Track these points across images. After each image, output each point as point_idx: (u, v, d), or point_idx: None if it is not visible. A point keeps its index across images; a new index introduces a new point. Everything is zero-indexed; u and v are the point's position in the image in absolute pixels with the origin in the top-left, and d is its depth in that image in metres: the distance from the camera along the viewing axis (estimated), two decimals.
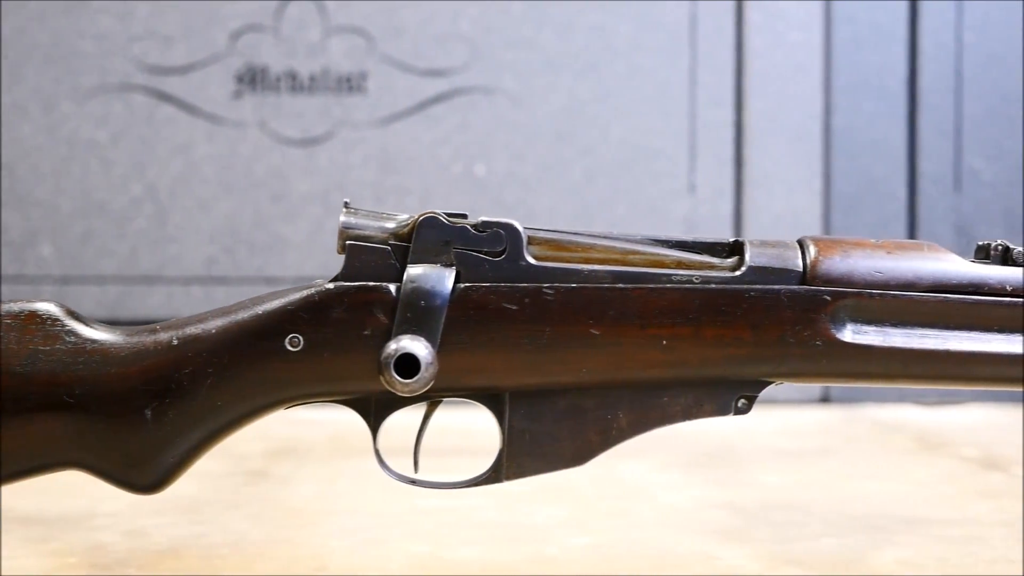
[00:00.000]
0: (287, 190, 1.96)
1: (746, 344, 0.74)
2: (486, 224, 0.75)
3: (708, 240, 0.79)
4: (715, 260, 0.77)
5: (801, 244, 0.77)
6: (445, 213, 0.76)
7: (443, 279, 0.73)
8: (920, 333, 0.75)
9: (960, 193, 1.99)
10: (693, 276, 0.74)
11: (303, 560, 0.92)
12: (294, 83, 1.96)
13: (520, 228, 0.75)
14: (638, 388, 0.75)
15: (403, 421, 0.76)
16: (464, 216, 0.77)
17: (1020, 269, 0.75)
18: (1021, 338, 0.75)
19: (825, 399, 1.96)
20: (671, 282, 0.74)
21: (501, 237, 0.75)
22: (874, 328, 0.75)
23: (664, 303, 0.74)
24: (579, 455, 0.76)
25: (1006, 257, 0.76)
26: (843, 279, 0.75)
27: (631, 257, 0.76)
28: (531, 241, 0.76)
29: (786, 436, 1.61)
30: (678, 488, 1.23)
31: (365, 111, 1.96)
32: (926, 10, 1.98)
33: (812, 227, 1.97)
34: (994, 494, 1.20)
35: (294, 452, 1.40)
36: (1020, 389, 0.76)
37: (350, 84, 1.96)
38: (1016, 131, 1.98)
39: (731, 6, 1.96)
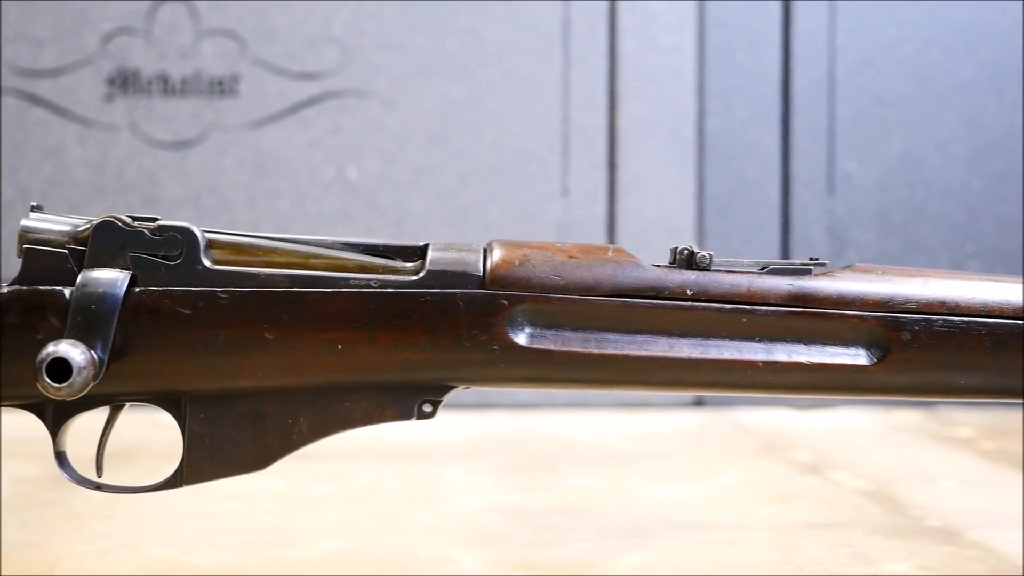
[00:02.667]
0: (159, 193, 1.95)
1: (422, 348, 0.73)
2: (163, 228, 0.74)
3: (400, 244, 0.78)
4: (399, 264, 0.76)
5: (486, 249, 0.76)
6: (130, 216, 0.75)
7: (116, 283, 0.73)
8: (599, 337, 0.74)
9: (833, 196, 1.99)
10: (371, 280, 0.74)
11: (40, 564, 0.91)
12: (166, 86, 1.95)
13: (197, 232, 0.75)
14: (318, 393, 0.75)
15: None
16: (152, 220, 0.76)
17: (704, 273, 0.75)
18: (707, 342, 0.74)
19: (699, 402, 1.96)
20: (348, 286, 0.73)
21: (178, 241, 0.74)
22: (553, 332, 0.74)
23: (339, 307, 0.73)
24: (259, 460, 0.76)
25: (691, 261, 0.76)
26: (521, 283, 0.74)
27: (313, 261, 0.75)
28: (212, 245, 0.75)
29: (633, 440, 1.61)
30: (476, 491, 1.23)
31: (237, 114, 1.96)
32: (799, 13, 1.98)
33: (686, 230, 1.97)
34: (792, 498, 1.20)
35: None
36: (713, 393, 0.76)
37: (222, 87, 1.96)
38: (889, 134, 1.99)
39: (604, 9, 1.96)
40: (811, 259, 0.77)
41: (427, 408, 0.76)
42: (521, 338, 0.74)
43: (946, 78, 1.99)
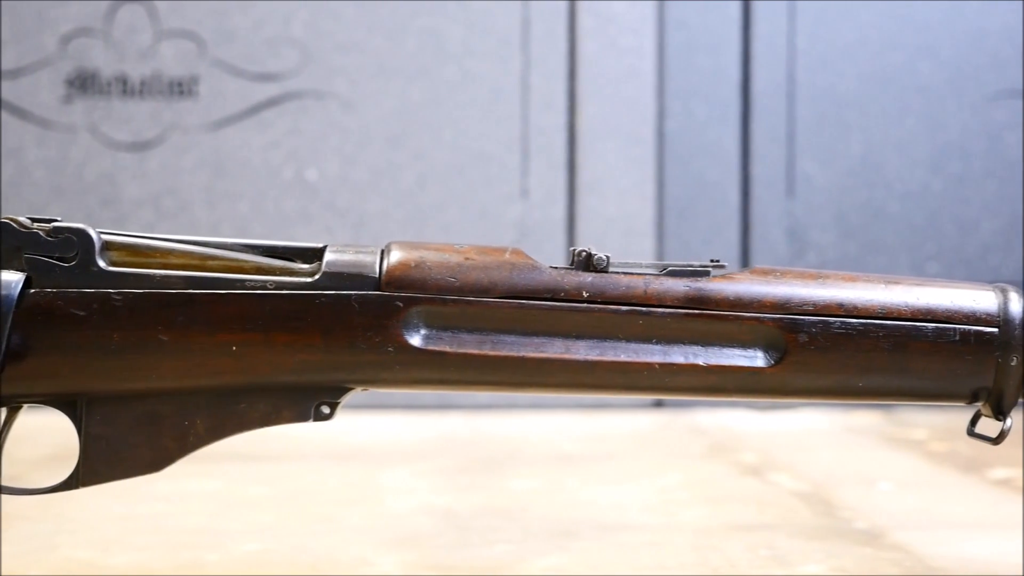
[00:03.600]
0: (118, 195, 1.95)
1: (318, 350, 0.73)
2: (58, 230, 0.74)
3: (300, 246, 0.78)
4: (297, 266, 0.76)
5: (384, 250, 0.76)
6: (28, 218, 0.75)
7: (10, 285, 0.72)
8: (495, 339, 0.74)
9: (793, 197, 1.99)
10: (267, 282, 0.74)
11: None
12: (125, 87, 1.95)
13: (93, 233, 0.74)
14: (215, 395, 0.75)
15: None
16: (50, 221, 0.76)
17: (602, 275, 0.75)
18: (604, 343, 0.74)
19: (658, 404, 1.96)
20: (244, 288, 0.73)
21: (72, 243, 0.74)
22: (448, 334, 0.74)
23: (234, 309, 0.73)
24: (156, 461, 0.76)
25: (589, 263, 0.75)
26: (417, 285, 0.74)
27: (210, 263, 0.75)
28: (109, 246, 0.75)
29: (585, 441, 1.61)
30: (413, 493, 1.23)
31: (196, 115, 1.96)
32: (758, 15, 1.98)
33: (645, 231, 1.97)
34: (726, 500, 1.20)
35: None
36: (611, 395, 0.76)
37: (181, 88, 1.96)
38: (848, 136, 1.99)
39: (563, 11, 1.96)
40: (712, 261, 0.77)
41: (325, 409, 0.76)
42: (416, 340, 0.73)
43: (905, 80, 1.99)
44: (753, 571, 0.91)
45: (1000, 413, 0.78)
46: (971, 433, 0.81)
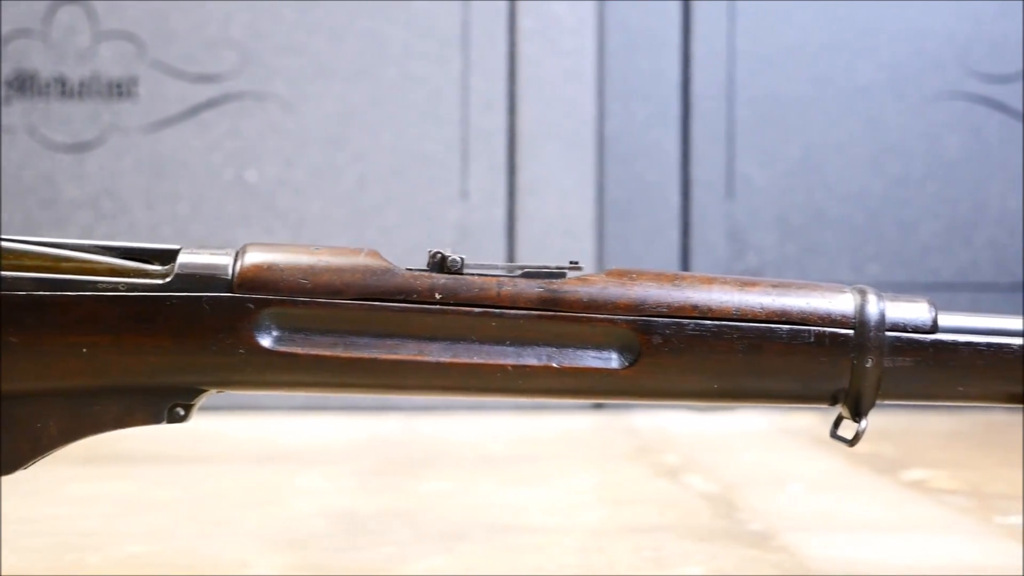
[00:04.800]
0: (57, 196, 1.95)
1: (168, 352, 0.73)
2: None
3: (158, 247, 0.78)
4: (152, 268, 0.76)
5: (239, 252, 0.76)
6: None
7: None
8: (348, 341, 0.74)
9: (733, 199, 1.99)
10: (119, 283, 0.73)
11: None
12: (64, 88, 1.95)
13: None
14: (67, 397, 0.75)
15: None
16: None
17: (455, 276, 0.75)
18: (457, 345, 0.74)
19: (599, 406, 1.96)
20: (95, 289, 0.73)
21: None
22: (301, 336, 0.74)
23: (84, 311, 0.73)
24: (9, 464, 0.75)
25: (443, 265, 0.75)
26: (269, 287, 0.74)
27: (63, 264, 0.75)
28: None
29: (516, 443, 1.61)
30: (319, 495, 1.23)
31: (135, 117, 1.96)
32: (698, 16, 1.98)
33: (585, 233, 1.97)
34: (631, 501, 1.20)
35: None
36: (465, 396, 0.76)
37: (120, 89, 1.96)
38: (788, 137, 1.99)
39: (503, 12, 1.96)
40: (571, 263, 0.77)
41: (179, 411, 0.76)
42: (268, 342, 0.73)
43: (846, 82, 1.99)
44: (630, 572, 0.90)
45: (858, 415, 0.78)
46: (833, 435, 0.81)
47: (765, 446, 1.59)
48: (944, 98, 1.99)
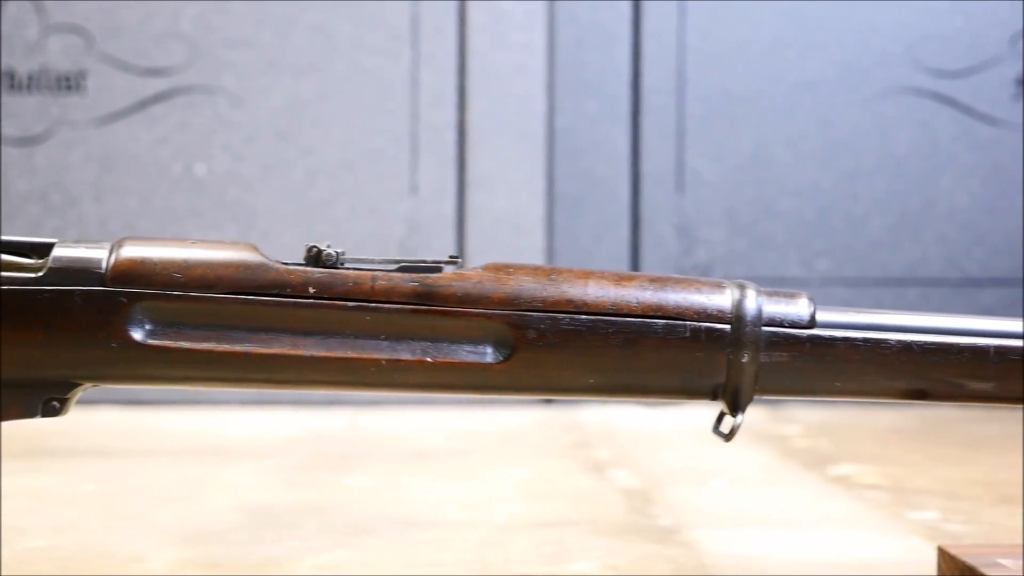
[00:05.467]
0: (5, 190, 1.94)
1: (40, 346, 0.73)
2: None
3: (36, 241, 0.77)
4: (28, 261, 0.76)
5: (114, 246, 0.76)
6: None
7: None
8: (221, 335, 0.74)
9: (683, 194, 1.99)
10: None
11: None
12: (12, 82, 1.94)
13: None
14: None
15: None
16: None
17: (330, 270, 0.75)
18: (331, 340, 0.74)
19: (548, 401, 1.96)
20: None
21: None
22: (174, 330, 0.74)
23: None
24: None
25: (318, 259, 0.75)
26: (142, 280, 0.73)
27: None
28: None
29: (454, 437, 1.61)
30: (237, 490, 1.23)
31: (84, 110, 1.95)
32: (649, 12, 1.98)
33: (535, 228, 1.97)
34: (548, 496, 1.20)
35: None
36: (341, 391, 0.76)
37: (69, 83, 1.95)
38: (738, 132, 1.99)
39: (453, 6, 1.96)
40: (450, 257, 0.77)
41: (54, 405, 0.75)
42: (141, 336, 0.73)
43: (795, 76, 1.99)
44: (524, 568, 0.90)
45: (737, 410, 0.78)
46: (715, 431, 0.81)
47: (704, 441, 1.59)
48: (894, 93, 1.99)
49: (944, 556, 0.83)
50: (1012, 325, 0.78)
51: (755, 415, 1.79)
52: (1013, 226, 1.99)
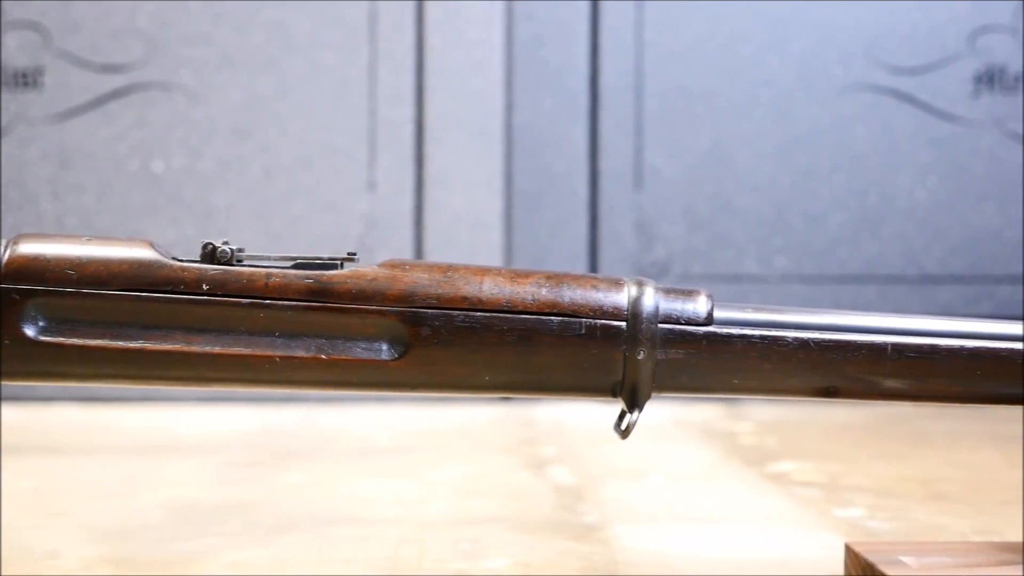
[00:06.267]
0: None
1: None
2: None
3: None
4: None
5: (9, 242, 0.76)
6: None
7: None
8: (115, 332, 0.74)
9: (641, 190, 1.99)
10: None
11: None
12: None
13: None
14: None
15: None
16: None
17: (225, 267, 0.75)
18: (225, 337, 0.74)
19: (507, 398, 1.95)
20: None
21: None
22: (67, 327, 0.74)
23: None
24: None
25: (213, 256, 0.75)
26: (35, 277, 0.73)
27: None
28: None
29: (406, 434, 1.61)
30: (174, 486, 1.23)
31: (41, 107, 1.95)
32: (607, 8, 1.98)
33: (493, 224, 1.97)
34: (482, 493, 1.19)
35: None
36: (236, 388, 0.76)
37: (26, 79, 1.95)
38: (696, 129, 1.99)
39: (411, 3, 1.96)
40: (348, 254, 0.77)
41: None
42: (33, 332, 0.73)
43: (754, 73, 1.99)
44: (435, 565, 0.90)
45: (635, 407, 0.78)
46: (615, 428, 0.81)
47: (653, 437, 1.59)
48: (852, 90, 1.99)
49: (850, 553, 0.83)
50: (912, 322, 0.78)
51: (709, 412, 1.79)
52: (971, 223, 1.99)
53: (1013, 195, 1.99)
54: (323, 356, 0.75)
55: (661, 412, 1.80)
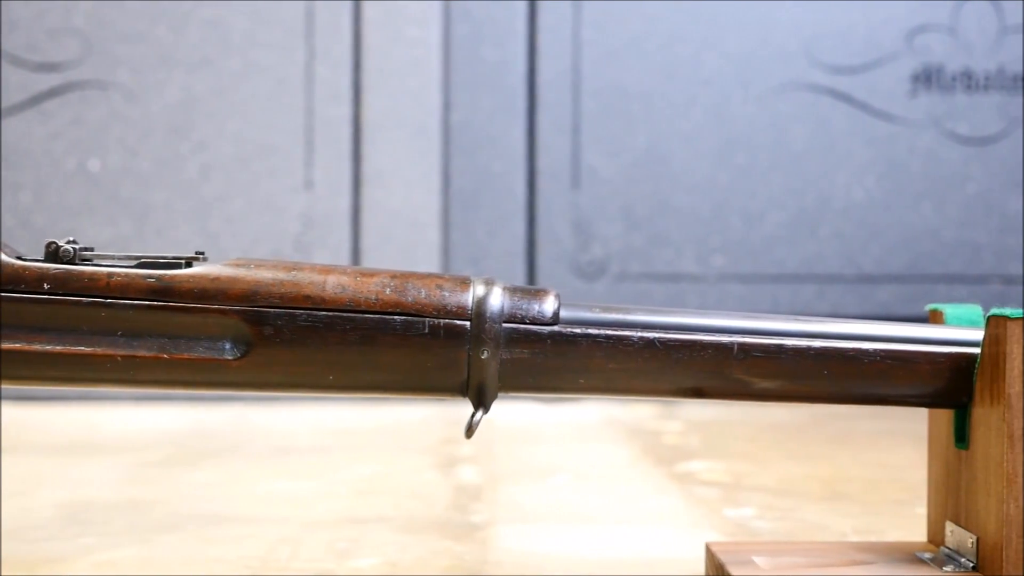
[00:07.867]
0: None
1: None
2: None
3: None
4: None
5: None
6: None
7: None
8: None
9: (578, 189, 1.99)
10: None
11: None
12: None
13: None
14: None
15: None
16: None
17: (66, 266, 0.74)
18: (67, 336, 0.74)
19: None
20: None
21: None
22: None
23: None
24: None
25: (56, 255, 0.75)
26: None
27: None
28: None
29: (335, 433, 1.61)
30: (81, 485, 1.22)
31: None
32: (544, 7, 1.98)
33: (430, 223, 1.96)
34: (380, 492, 1.19)
35: None
36: (76, 387, 0.76)
37: None
38: (633, 128, 1.99)
39: (348, 2, 1.96)
40: (197, 253, 0.77)
41: None
42: None
43: (691, 72, 1.99)
44: (303, 565, 0.90)
45: (482, 407, 0.78)
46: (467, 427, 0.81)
47: (575, 437, 1.59)
48: (790, 89, 1.99)
49: (709, 554, 0.83)
50: (759, 322, 0.78)
51: (643, 412, 1.79)
52: (909, 222, 2.00)
53: (950, 194, 2.00)
54: (165, 355, 0.74)
55: (593, 411, 1.80)
